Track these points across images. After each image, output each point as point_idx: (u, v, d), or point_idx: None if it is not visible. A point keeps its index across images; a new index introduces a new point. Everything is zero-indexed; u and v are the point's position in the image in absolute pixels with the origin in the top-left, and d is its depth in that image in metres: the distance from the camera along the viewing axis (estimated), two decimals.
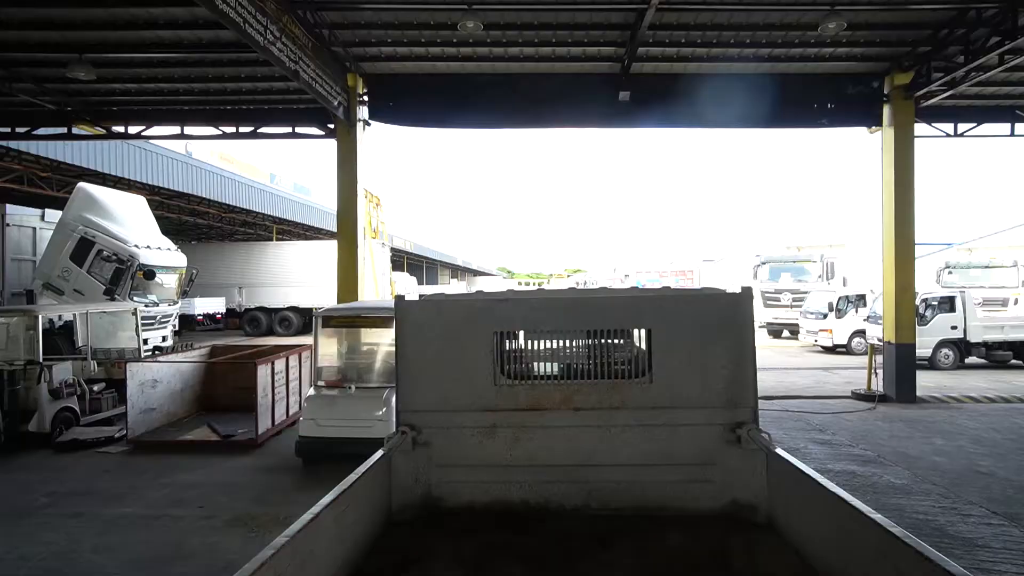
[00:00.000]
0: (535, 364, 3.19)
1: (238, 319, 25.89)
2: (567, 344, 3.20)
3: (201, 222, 28.33)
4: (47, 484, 6.87)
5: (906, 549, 1.87)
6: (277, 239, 30.80)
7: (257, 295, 26.06)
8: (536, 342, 3.20)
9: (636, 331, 3.18)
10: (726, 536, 2.75)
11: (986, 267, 24.83)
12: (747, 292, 3.10)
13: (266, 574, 1.78)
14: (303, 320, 25.97)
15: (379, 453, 2.94)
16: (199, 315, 23.49)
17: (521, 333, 3.22)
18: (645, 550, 2.60)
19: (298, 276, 25.83)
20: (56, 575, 4.72)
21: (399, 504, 3.05)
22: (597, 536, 2.74)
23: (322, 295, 24.66)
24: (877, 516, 2.08)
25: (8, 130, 12.02)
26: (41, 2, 8.37)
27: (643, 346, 3.13)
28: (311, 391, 7.67)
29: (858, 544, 2.15)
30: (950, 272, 25.36)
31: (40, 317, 8.69)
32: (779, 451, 2.85)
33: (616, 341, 3.19)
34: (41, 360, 8.53)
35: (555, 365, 3.20)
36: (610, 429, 3.06)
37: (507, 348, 3.17)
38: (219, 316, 25.03)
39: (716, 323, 3.08)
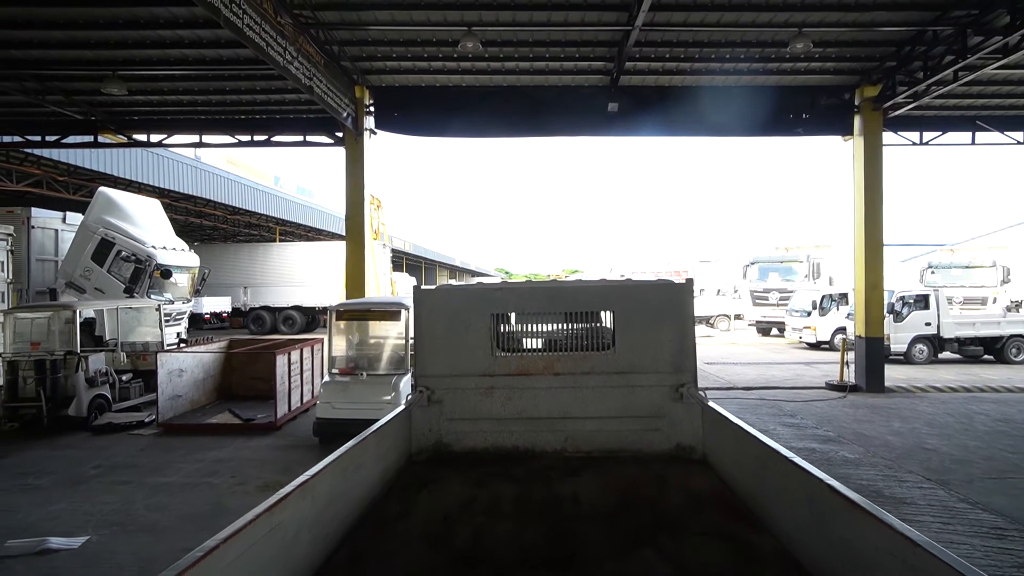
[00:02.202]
0: (524, 339, 4.04)
1: (242, 318, 26.66)
2: (549, 324, 4.04)
3: (207, 224, 29.15)
4: (93, 459, 7.70)
5: (785, 461, 2.69)
6: (279, 240, 31.59)
7: (261, 295, 26.80)
8: (525, 322, 4.05)
9: (603, 313, 4.02)
10: (669, 467, 3.59)
11: (966, 267, 25.71)
12: (689, 283, 3.95)
13: (336, 469, 2.61)
14: (306, 319, 26.76)
15: (402, 406, 3.79)
16: (206, 313, 24.27)
17: (513, 315, 4.07)
18: (605, 476, 3.43)
19: (301, 276, 26.56)
20: (120, 526, 5.54)
21: (417, 448, 3.89)
22: (570, 468, 3.58)
23: (324, 294, 25.46)
24: (768, 440, 2.91)
25: (39, 138, 12.87)
26: (82, 25, 9.20)
27: (609, 324, 3.97)
28: (327, 378, 8.49)
29: (755, 462, 2.98)
30: (933, 272, 26.25)
31: (78, 312, 9.51)
32: (711, 404, 3.70)
33: (590, 325, 4.04)
34: (79, 351, 9.35)
35: (540, 340, 4.04)
36: (582, 390, 3.90)
37: (502, 327, 4.01)
38: (225, 315, 25.81)
39: (665, 307, 3.93)
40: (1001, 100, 12.68)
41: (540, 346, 4.03)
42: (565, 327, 4.00)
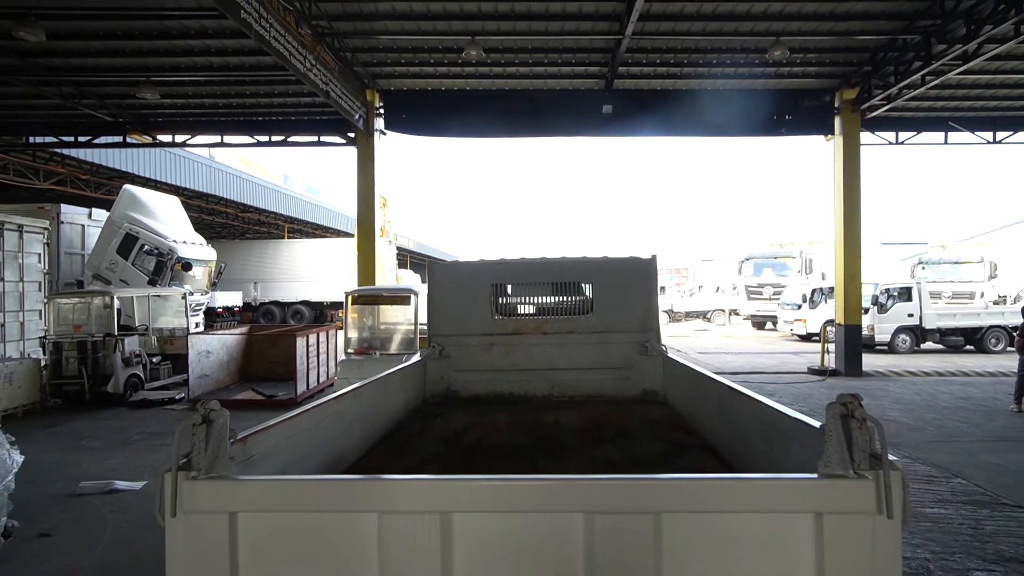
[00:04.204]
0: (519, 305, 4.89)
1: (252, 312, 27.52)
2: (539, 292, 4.89)
3: (218, 221, 30.02)
4: (135, 427, 8.59)
5: (709, 379, 3.52)
6: (287, 238, 32.48)
7: (271, 290, 27.64)
8: (519, 291, 4.90)
9: (584, 284, 4.87)
10: (635, 406, 4.43)
11: (955, 263, 26.47)
12: (654, 258, 4.79)
13: (374, 387, 3.46)
14: (314, 314, 27.62)
15: (418, 357, 4.64)
16: (219, 308, 25.15)
17: (509, 286, 4.92)
18: (583, 411, 4.27)
19: (310, 272, 27.38)
20: None
21: (430, 393, 4.75)
22: (555, 406, 4.42)
23: (332, 290, 26.33)
24: (705, 371, 3.74)
25: (72, 138, 13.78)
26: (119, 36, 10.08)
27: (588, 293, 4.82)
28: (343, 357, 9.37)
29: (698, 392, 3.82)
30: (923, 268, 27.03)
31: (116, 297, 10.39)
32: (670, 355, 4.54)
33: (573, 293, 4.89)
34: (116, 333, 10.23)
35: (531, 306, 4.89)
36: (566, 346, 4.75)
37: (500, 295, 4.86)
38: (236, 309, 26.69)
39: (634, 278, 4.77)
40: (972, 102, 13.47)
41: (532, 311, 4.88)
42: (552, 295, 4.85)
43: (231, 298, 26.23)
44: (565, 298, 4.82)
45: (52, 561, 4.41)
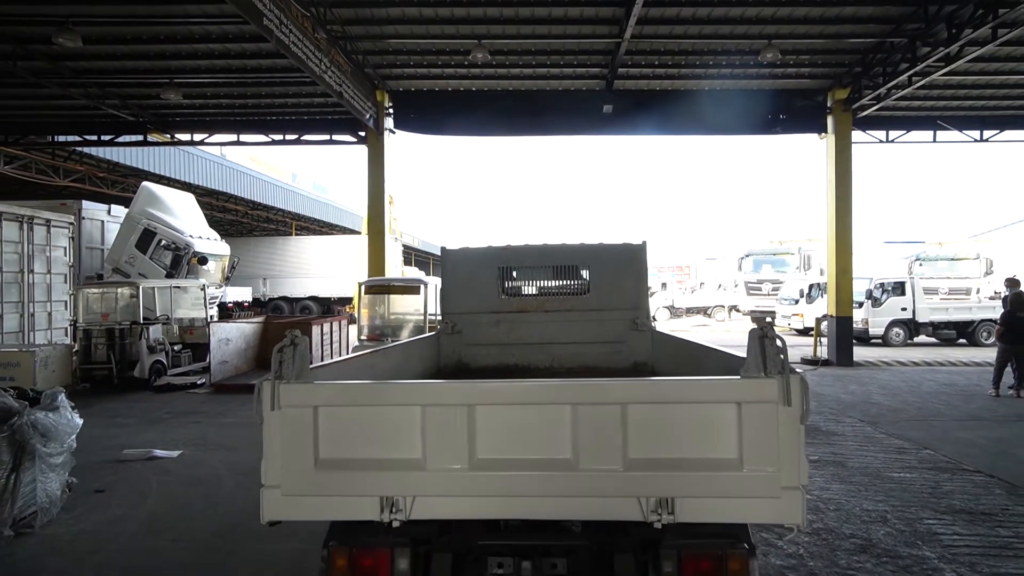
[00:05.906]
0: (523, 286, 5.43)
1: (262, 308, 28.11)
2: (542, 275, 5.43)
3: (228, 218, 30.66)
4: (163, 408, 9.17)
5: (687, 342, 4.06)
6: (295, 234, 33.08)
7: (280, 286, 28.22)
8: (524, 274, 5.44)
9: (581, 267, 5.41)
10: (626, 375, 4.97)
11: (952, 259, 26.89)
12: (644, 244, 5.32)
13: (398, 350, 4.01)
14: (322, 309, 28.20)
15: (433, 333, 5.19)
16: (230, 303, 25.75)
17: (515, 269, 5.46)
18: (578, 375, 4.81)
19: (317, 268, 27.95)
20: (202, 446, 6.98)
21: (444, 364, 5.29)
22: (554, 377, 4.97)
23: (339, 285, 26.92)
24: (685, 336, 4.28)
25: (95, 137, 14.38)
26: (145, 41, 10.66)
27: (586, 276, 5.36)
28: (356, 343, 9.94)
29: (681, 358, 4.35)
30: (920, 264, 27.46)
31: (142, 288, 10.98)
32: (659, 329, 5.07)
33: (572, 276, 5.42)
34: (142, 322, 10.82)
35: (535, 287, 5.43)
36: (565, 323, 5.28)
37: (507, 277, 5.40)
38: (246, 304, 27.29)
39: (627, 263, 5.30)
40: (960, 102, 13.95)
41: (535, 291, 5.42)
42: (553, 277, 5.39)
43: (241, 293, 26.81)
44: (565, 280, 5.36)
45: (110, 511, 4.97)
